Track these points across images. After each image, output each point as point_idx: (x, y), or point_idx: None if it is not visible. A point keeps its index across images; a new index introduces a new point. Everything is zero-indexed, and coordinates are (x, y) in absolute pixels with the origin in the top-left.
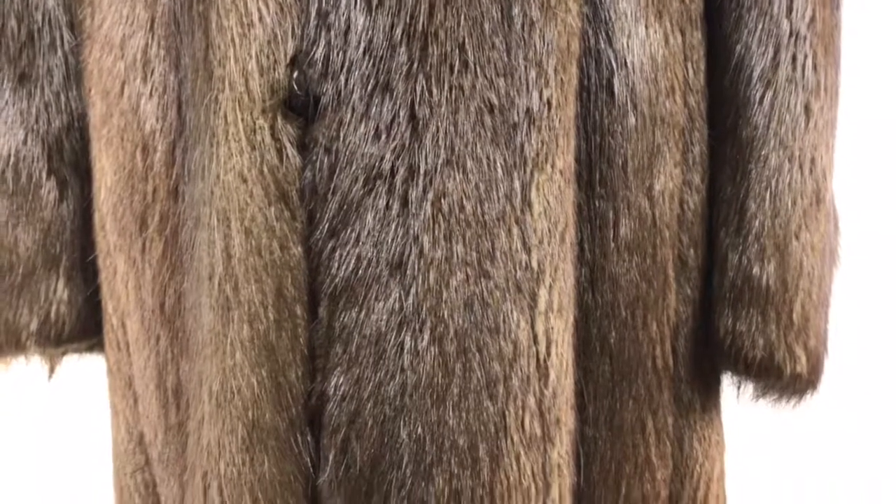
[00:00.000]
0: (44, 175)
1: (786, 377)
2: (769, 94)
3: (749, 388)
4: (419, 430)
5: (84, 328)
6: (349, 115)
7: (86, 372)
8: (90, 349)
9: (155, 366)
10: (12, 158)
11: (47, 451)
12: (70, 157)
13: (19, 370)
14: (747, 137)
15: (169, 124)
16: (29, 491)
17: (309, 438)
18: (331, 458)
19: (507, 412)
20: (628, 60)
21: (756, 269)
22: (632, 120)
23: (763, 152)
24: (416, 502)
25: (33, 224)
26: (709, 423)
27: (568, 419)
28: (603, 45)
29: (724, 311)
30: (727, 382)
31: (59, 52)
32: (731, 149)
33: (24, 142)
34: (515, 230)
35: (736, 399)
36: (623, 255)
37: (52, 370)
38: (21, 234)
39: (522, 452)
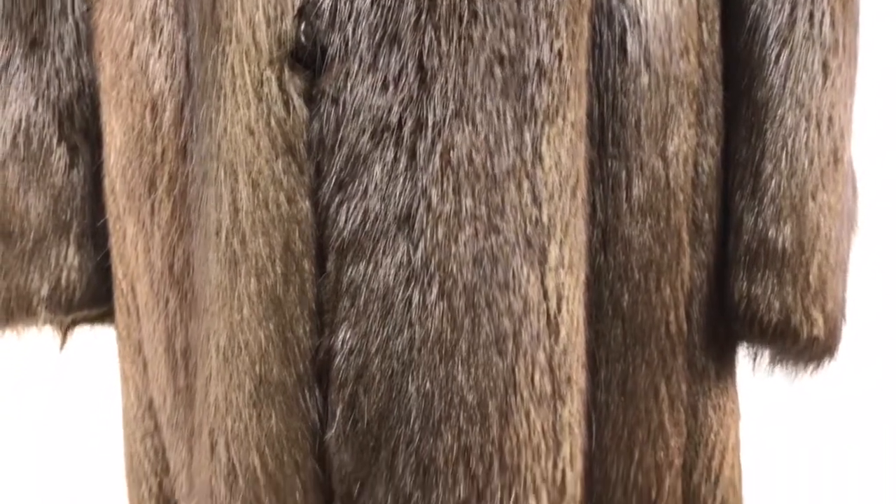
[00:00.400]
0: (54, 141)
1: (802, 341)
2: (785, 53)
3: (765, 358)
4: (427, 385)
5: (94, 295)
6: (356, 66)
7: (87, 372)
8: (101, 319)
9: (164, 329)
10: (23, 124)
11: (48, 451)
12: (81, 124)
13: (20, 370)
14: (763, 97)
15: (178, 83)
16: (29, 490)
17: (317, 393)
18: (338, 412)
19: (516, 368)
20: (641, 18)
21: (772, 232)
22: (645, 79)
23: (779, 112)
24: (425, 458)
25: (44, 190)
26: (723, 391)
27: (579, 378)
28: (615, 2)
29: (739, 275)
30: (743, 354)
31: (70, 19)
32: (747, 110)
33: (35, 108)
34: (525, 184)
35: (752, 371)
36: (636, 217)
37: (63, 342)
38: (32, 200)
39: (532, 409)
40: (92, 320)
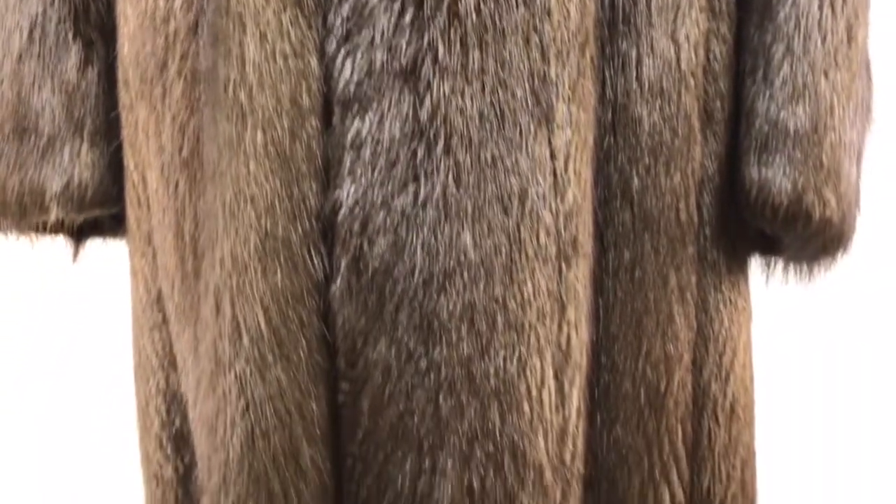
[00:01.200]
0: (70, 37)
1: (814, 222)
2: None
3: (778, 267)
4: (431, 241)
5: (106, 194)
6: None
7: (86, 373)
8: (113, 231)
9: (173, 213)
10: (40, 18)
11: (48, 449)
12: (96, 21)
13: (20, 370)
14: None
15: None
16: (29, 490)
17: (322, 251)
18: (343, 266)
19: (521, 226)
20: None
21: (783, 114)
22: None
23: None
24: (428, 314)
25: (59, 87)
26: (734, 286)
27: (585, 242)
28: None
29: (750, 161)
30: (755, 267)
31: None
32: None
33: (52, 3)
34: (534, 38)
35: (765, 281)
36: (646, 97)
37: (75, 252)
38: (47, 96)
39: (537, 268)
40: (104, 231)
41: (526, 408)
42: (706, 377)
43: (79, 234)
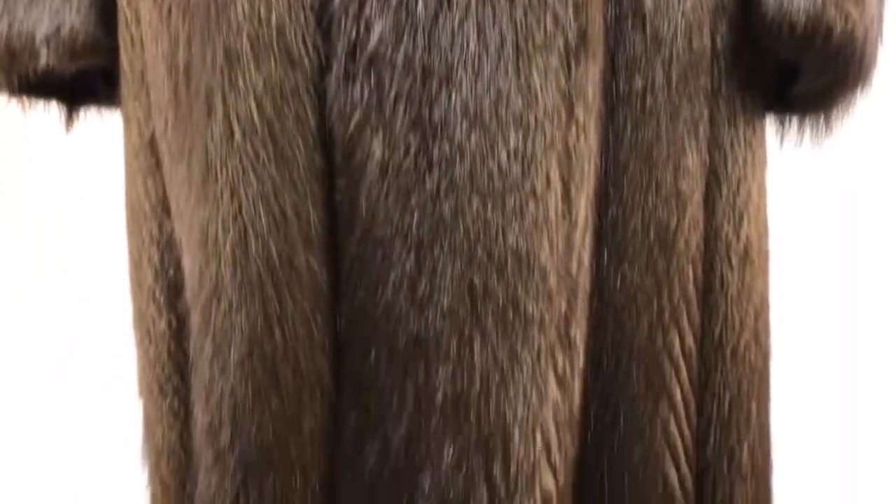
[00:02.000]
0: None
1: (835, 36)
2: None
3: (794, 126)
4: (432, 28)
5: (97, 41)
6: None
7: (86, 373)
8: (108, 96)
9: (167, 41)
10: None
11: (48, 449)
12: None
13: (20, 370)
14: None
15: None
16: (29, 490)
17: (319, 44)
18: (339, 50)
19: (528, 13)
20: None
21: None
22: None
23: None
24: (429, 108)
25: None
26: (749, 125)
27: (595, 40)
28: None
29: None
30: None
31: None
32: None
33: None
34: None
35: (779, 145)
36: None
37: (69, 120)
38: None
39: (545, 60)
40: (99, 100)
41: (531, 208)
42: (719, 218)
43: (72, 101)
